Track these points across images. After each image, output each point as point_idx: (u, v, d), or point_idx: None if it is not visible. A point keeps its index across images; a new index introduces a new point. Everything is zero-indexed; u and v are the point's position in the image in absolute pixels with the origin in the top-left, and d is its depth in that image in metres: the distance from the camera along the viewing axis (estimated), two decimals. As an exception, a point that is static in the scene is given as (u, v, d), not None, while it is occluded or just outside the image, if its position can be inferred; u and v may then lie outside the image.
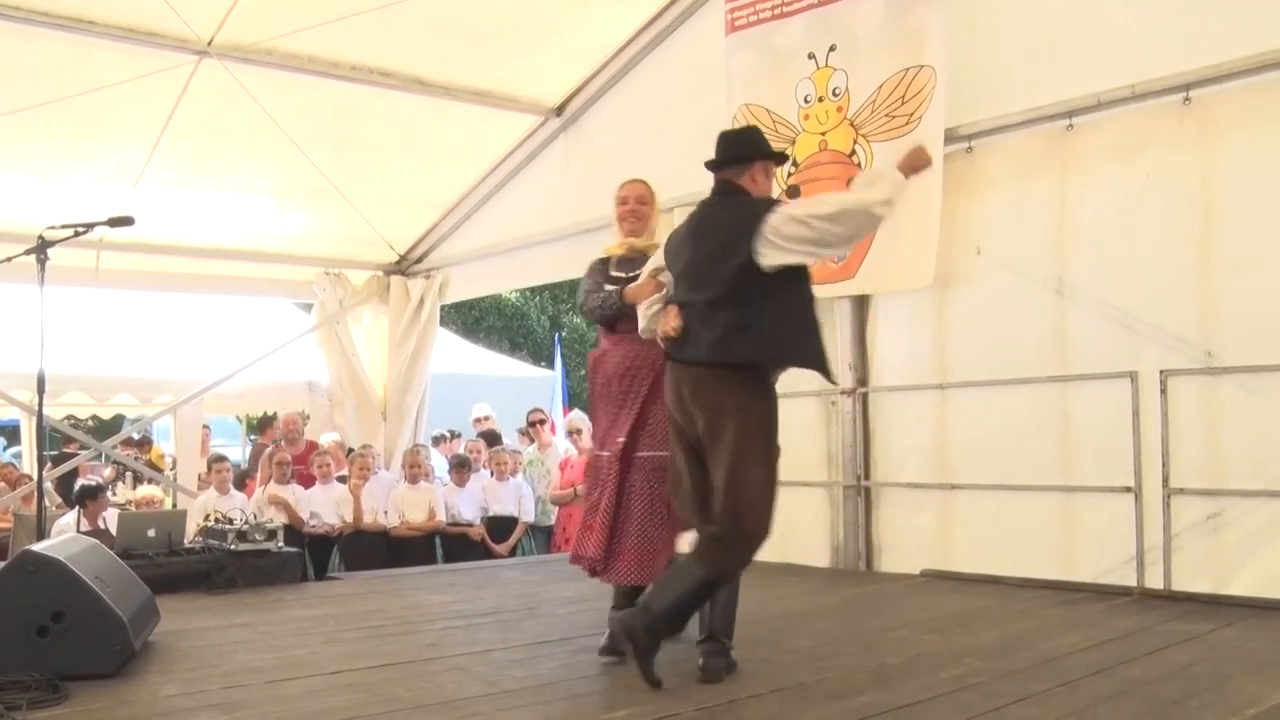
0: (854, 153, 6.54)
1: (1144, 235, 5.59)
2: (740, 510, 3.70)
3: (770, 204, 3.88)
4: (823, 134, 6.68)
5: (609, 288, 4.41)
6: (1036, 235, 6.02)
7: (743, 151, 4.07)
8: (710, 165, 4.10)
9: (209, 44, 7.41)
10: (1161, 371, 5.49)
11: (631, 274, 4.36)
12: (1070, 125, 5.88)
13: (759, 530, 3.73)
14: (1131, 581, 5.57)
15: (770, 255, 3.75)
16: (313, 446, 9.37)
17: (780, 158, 4.28)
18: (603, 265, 4.60)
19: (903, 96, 6.30)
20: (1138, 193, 5.62)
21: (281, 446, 9.00)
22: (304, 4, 7.21)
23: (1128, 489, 5.60)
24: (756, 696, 3.57)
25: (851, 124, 6.54)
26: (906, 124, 6.29)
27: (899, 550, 6.66)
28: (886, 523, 6.75)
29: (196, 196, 9.00)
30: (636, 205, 4.58)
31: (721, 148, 4.10)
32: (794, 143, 6.80)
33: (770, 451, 3.83)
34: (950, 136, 6.30)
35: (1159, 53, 5.51)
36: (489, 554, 8.36)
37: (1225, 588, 5.24)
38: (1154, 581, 5.49)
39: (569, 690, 3.76)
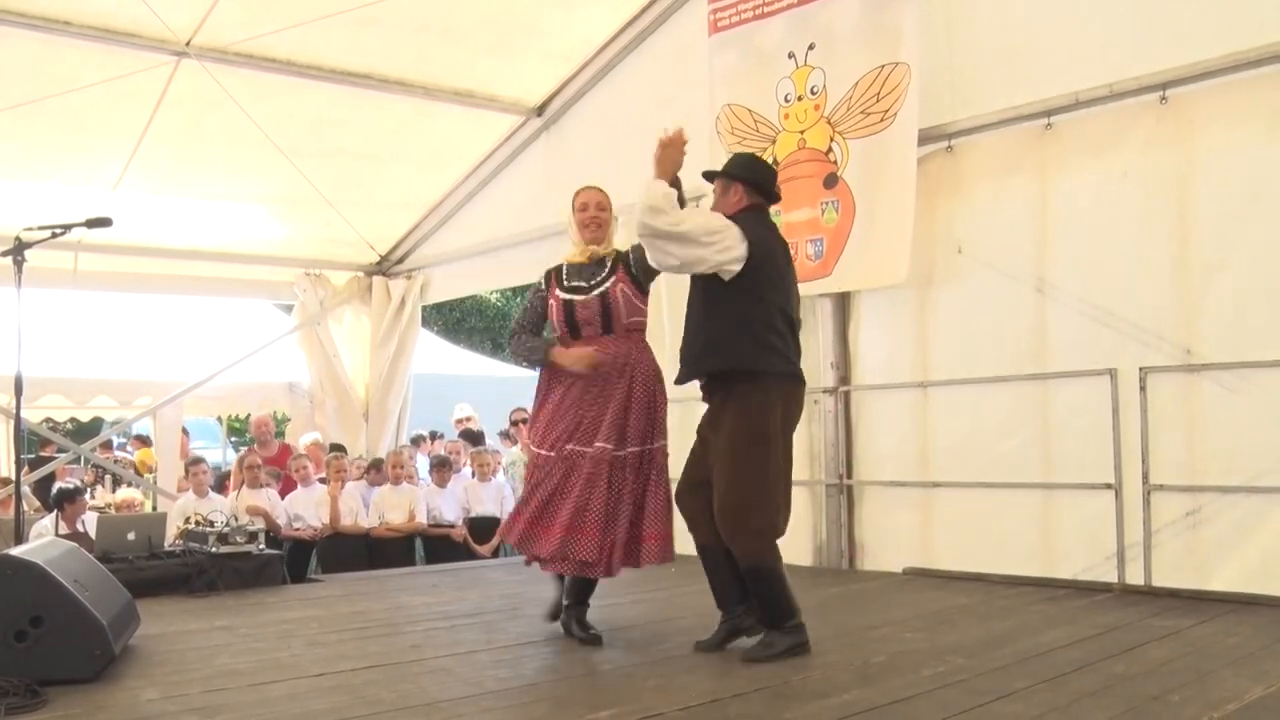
0: (830, 150, 6.55)
1: (1123, 233, 5.62)
2: None
3: None
4: (801, 132, 6.69)
5: (535, 340, 4.69)
6: (1017, 234, 6.05)
7: None
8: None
9: (187, 45, 7.38)
10: (1141, 369, 5.53)
11: (591, 282, 4.54)
12: (1049, 124, 5.91)
13: None
14: (1112, 578, 5.60)
15: None
16: (285, 449, 9.33)
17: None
18: (556, 275, 4.67)
19: (878, 93, 6.32)
20: (1116, 191, 5.65)
21: (254, 450, 8.96)
22: (283, 5, 7.19)
23: (1108, 486, 5.63)
24: (740, 695, 3.57)
25: (828, 121, 6.56)
26: (881, 120, 6.31)
27: (881, 548, 6.68)
28: (869, 521, 6.77)
29: (176, 198, 8.97)
30: (597, 212, 4.64)
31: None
32: (774, 142, 6.81)
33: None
34: (930, 136, 6.33)
35: (1136, 52, 5.55)
36: (471, 555, 8.34)
37: (1205, 583, 5.28)
38: (1134, 578, 5.52)
39: (552, 691, 3.75)
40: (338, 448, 9.70)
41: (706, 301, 4.24)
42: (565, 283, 4.62)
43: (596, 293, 4.53)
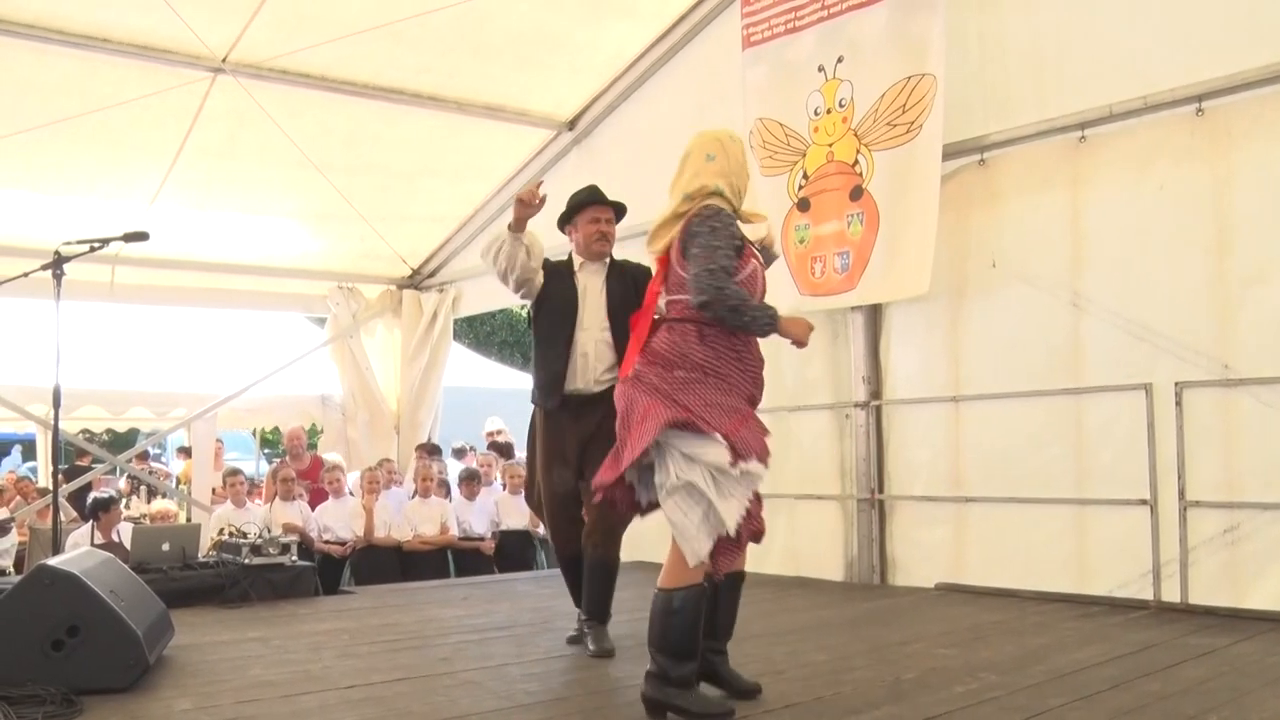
0: (856, 162, 6.53)
1: (1158, 247, 5.57)
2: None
3: None
4: (830, 145, 6.68)
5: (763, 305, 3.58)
6: (1050, 247, 6.01)
7: (563, 214, 4.93)
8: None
9: (223, 61, 7.47)
10: (1176, 383, 5.47)
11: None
12: (1083, 137, 5.87)
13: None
14: (1148, 595, 5.53)
15: None
16: (317, 461, 9.39)
17: (576, 210, 4.89)
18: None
19: (904, 105, 6.29)
20: (1151, 204, 5.60)
21: (286, 462, 9.02)
22: (317, 22, 7.27)
23: (1143, 502, 5.57)
24: (771, 711, 3.56)
25: (855, 134, 6.54)
26: (907, 132, 6.28)
27: (913, 563, 6.63)
28: (900, 536, 6.73)
29: (211, 212, 9.07)
30: None
31: None
32: (804, 155, 6.80)
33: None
34: (962, 149, 6.31)
35: (1170, 64, 5.51)
36: (500, 568, 8.36)
37: (1243, 601, 5.21)
38: (1171, 595, 5.45)
39: (582, 705, 3.75)
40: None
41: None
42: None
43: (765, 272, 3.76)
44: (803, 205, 6.79)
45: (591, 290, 4.77)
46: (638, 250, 4.31)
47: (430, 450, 9.75)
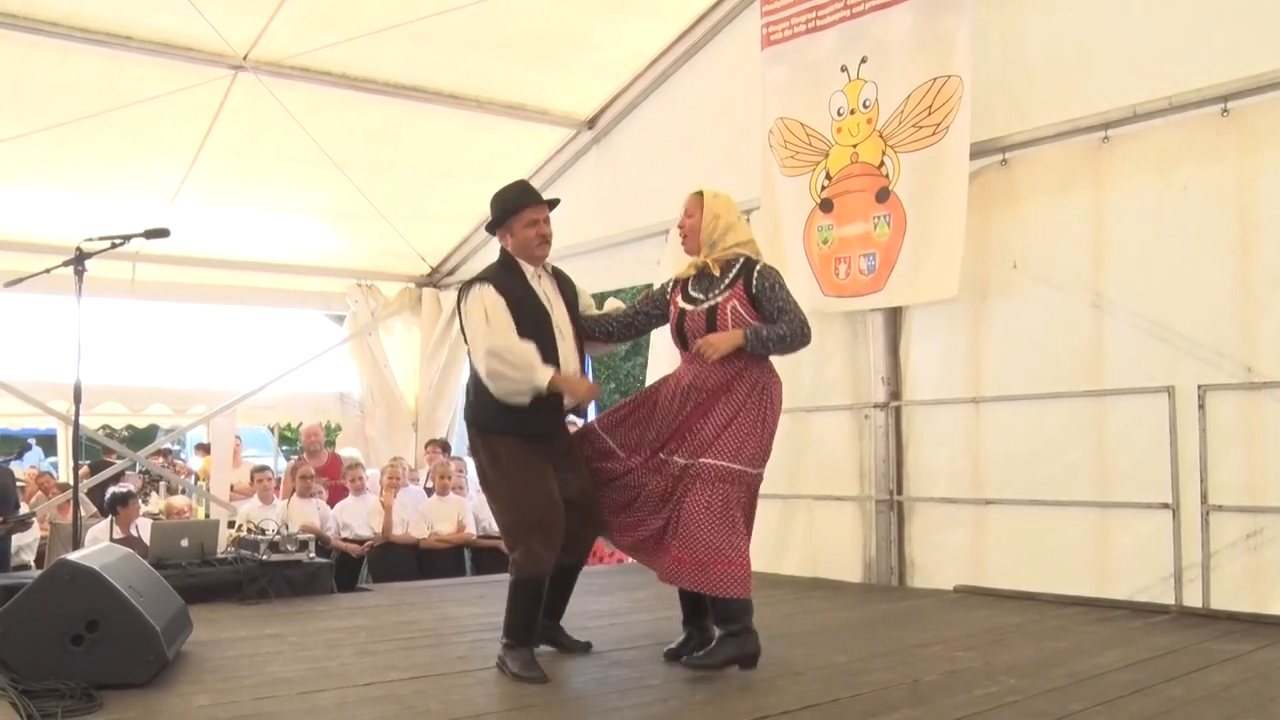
0: (882, 164, 6.50)
1: (1182, 248, 5.52)
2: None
3: (469, 283, 4.31)
4: (854, 146, 6.64)
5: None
6: (1073, 248, 5.96)
7: (493, 218, 4.47)
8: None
9: (244, 59, 7.49)
10: (1199, 386, 5.41)
11: (707, 295, 4.31)
12: (1106, 137, 5.83)
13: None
14: (1169, 599, 5.48)
15: None
16: (335, 459, 9.41)
17: (518, 208, 4.43)
18: (682, 282, 4.46)
19: (930, 106, 6.25)
20: (1175, 205, 5.55)
21: (304, 459, 9.04)
22: (338, 20, 7.29)
23: (1165, 505, 5.52)
24: (789, 713, 3.54)
25: (880, 135, 6.50)
26: (933, 134, 6.24)
27: (932, 565, 6.60)
28: (919, 538, 6.69)
29: (231, 210, 9.11)
30: (685, 219, 4.47)
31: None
32: (827, 156, 6.77)
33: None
34: (985, 149, 6.27)
35: (1196, 64, 5.46)
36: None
37: (1266, 607, 5.15)
38: (1192, 600, 5.40)
39: (599, 704, 3.74)
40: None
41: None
42: (688, 291, 4.41)
43: (705, 306, 4.29)
44: (825, 206, 6.76)
45: (552, 297, 4.42)
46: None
47: (442, 446, 9.77)
